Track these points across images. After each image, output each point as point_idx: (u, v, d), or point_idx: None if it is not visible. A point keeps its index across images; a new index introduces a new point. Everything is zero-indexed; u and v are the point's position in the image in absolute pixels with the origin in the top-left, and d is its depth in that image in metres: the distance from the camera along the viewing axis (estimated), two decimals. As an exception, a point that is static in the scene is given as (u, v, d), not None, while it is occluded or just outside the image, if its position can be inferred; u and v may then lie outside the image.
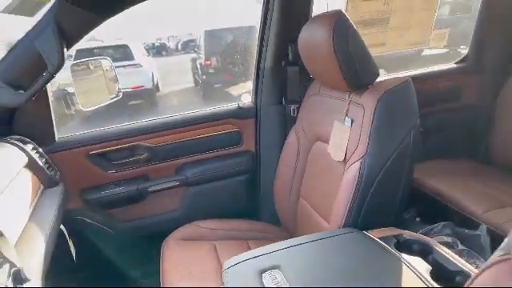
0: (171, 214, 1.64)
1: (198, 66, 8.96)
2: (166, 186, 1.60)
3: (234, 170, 1.67)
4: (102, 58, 1.67)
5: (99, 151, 1.49)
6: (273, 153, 1.61)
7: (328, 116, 1.28)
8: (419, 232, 1.37)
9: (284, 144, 1.53)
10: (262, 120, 1.64)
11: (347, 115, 1.18)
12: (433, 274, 0.83)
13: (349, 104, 1.18)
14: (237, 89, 7.66)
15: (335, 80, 1.16)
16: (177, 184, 1.61)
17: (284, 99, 1.61)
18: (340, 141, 1.19)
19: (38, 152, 1.29)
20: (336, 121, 1.23)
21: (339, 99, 1.24)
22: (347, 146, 1.15)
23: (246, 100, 1.73)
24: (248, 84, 1.76)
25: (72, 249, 1.36)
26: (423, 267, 0.85)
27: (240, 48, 7.63)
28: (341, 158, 1.17)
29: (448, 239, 1.36)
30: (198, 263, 1.32)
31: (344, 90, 1.20)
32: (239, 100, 1.74)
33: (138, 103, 7.67)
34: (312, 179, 1.40)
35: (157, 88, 8.76)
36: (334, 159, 1.21)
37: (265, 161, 1.66)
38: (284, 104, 1.61)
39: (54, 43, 1.15)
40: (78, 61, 1.55)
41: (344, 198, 1.08)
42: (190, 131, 1.59)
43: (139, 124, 1.57)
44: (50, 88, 1.38)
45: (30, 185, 1.19)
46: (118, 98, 1.60)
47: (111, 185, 1.53)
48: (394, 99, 1.07)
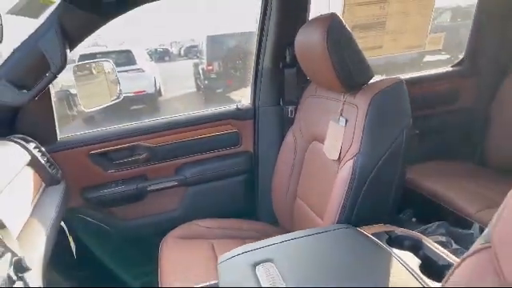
0: (170, 214, 1.66)
1: (200, 71, 9.03)
2: (166, 186, 1.62)
3: (233, 170, 1.69)
4: (104, 61, 1.71)
5: (100, 151, 1.52)
6: (271, 153, 1.63)
7: (324, 116, 1.30)
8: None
9: (282, 144, 1.56)
10: (261, 121, 1.67)
11: (342, 115, 1.20)
12: (422, 268, 0.85)
13: (343, 104, 1.20)
14: (238, 94, 7.72)
15: (330, 81, 1.18)
16: (176, 184, 1.63)
17: (282, 100, 1.64)
18: (335, 140, 1.21)
19: (41, 151, 1.31)
20: (331, 121, 1.25)
21: (334, 100, 1.27)
22: (341, 145, 1.17)
23: (245, 101, 1.76)
24: (249, 89, 1.78)
25: (72, 245, 1.39)
26: (413, 261, 0.87)
27: (241, 53, 7.70)
28: (335, 157, 1.20)
29: (442, 238, 1.38)
30: (196, 261, 1.34)
31: (339, 91, 1.23)
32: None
33: (140, 108, 7.71)
34: (308, 179, 1.42)
35: (159, 93, 8.81)
36: (329, 158, 1.23)
37: (263, 161, 1.69)
38: (282, 105, 1.64)
39: (57, 44, 1.19)
40: (81, 62, 1.59)
41: (337, 196, 1.10)
42: (190, 131, 1.61)
43: (139, 124, 1.60)
44: (53, 88, 1.41)
45: (32, 182, 1.22)
46: (119, 100, 1.64)
47: (111, 184, 1.56)
48: (387, 99, 1.10)
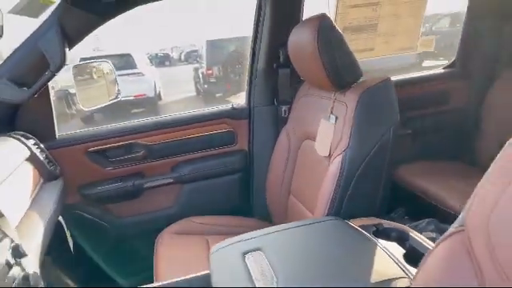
0: (166, 211, 1.68)
1: (200, 76, 9.10)
2: (162, 183, 1.65)
3: (228, 169, 1.72)
4: (103, 61, 1.75)
5: (97, 148, 1.55)
6: (265, 152, 1.66)
7: (316, 115, 1.34)
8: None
9: (276, 143, 1.59)
10: (255, 120, 1.70)
11: (332, 113, 1.24)
12: (408, 258, 0.88)
13: (333, 102, 1.24)
14: (238, 97, 7.77)
15: (320, 79, 1.22)
16: (172, 181, 1.66)
17: (276, 100, 1.67)
18: (325, 137, 1.25)
19: (39, 147, 1.35)
20: (322, 119, 1.29)
21: (326, 98, 1.30)
22: (331, 142, 1.21)
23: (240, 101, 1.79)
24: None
25: (70, 240, 1.42)
26: (398, 251, 0.91)
27: (241, 58, 7.77)
28: (326, 154, 1.23)
29: (433, 235, 1.41)
30: (191, 257, 1.37)
31: (329, 90, 1.26)
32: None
33: (140, 111, 7.76)
34: (301, 176, 1.45)
35: (159, 97, 8.87)
36: (320, 154, 1.27)
37: (258, 159, 1.72)
38: (276, 105, 1.67)
39: (57, 43, 1.23)
40: (81, 62, 1.63)
41: (327, 190, 1.13)
42: (186, 130, 1.64)
43: (136, 123, 1.63)
44: (52, 87, 1.45)
45: (31, 177, 1.25)
46: (117, 100, 1.68)
47: (108, 181, 1.58)
48: (374, 96, 1.14)
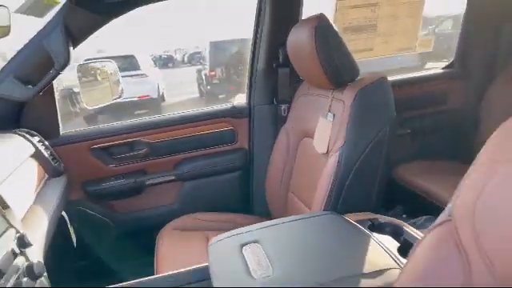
0: (168, 207, 1.71)
1: (203, 77, 9.13)
2: (164, 180, 1.68)
3: (229, 166, 1.75)
4: (108, 61, 1.79)
5: (101, 146, 1.58)
6: (265, 150, 1.68)
7: (314, 113, 1.36)
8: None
9: (275, 142, 1.61)
10: (256, 119, 1.73)
11: (330, 110, 1.26)
12: (401, 250, 0.91)
13: (331, 100, 1.27)
14: (240, 98, 7.79)
15: (319, 78, 1.25)
16: (173, 178, 1.69)
17: (275, 99, 1.70)
18: (323, 134, 1.27)
19: (44, 144, 1.38)
20: (321, 117, 1.31)
21: (324, 97, 1.33)
22: (329, 139, 1.23)
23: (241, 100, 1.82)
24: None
25: (73, 235, 1.45)
26: (392, 244, 0.93)
27: (243, 59, 7.79)
28: (324, 151, 1.26)
29: (430, 231, 1.43)
30: (191, 252, 1.39)
31: (327, 88, 1.29)
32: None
33: (144, 113, 7.80)
34: (300, 173, 1.48)
35: (162, 98, 8.91)
36: (318, 152, 1.29)
37: (257, 157, 1.74)
38: (275, 104, 1.70)
39: (62, 43, 1.26)
40: (85, 62, 1.67)
41: (324, 186, 1.16)
42: (188, 129, 1.67)
43: (139, 121, 1.67)
44: (56, 86, 1.48)
45: (36, 173, 1.28)
46: (120, 99, 1.71)
47: (111, 178, 1.62)
48: (370, 94, 1.16)
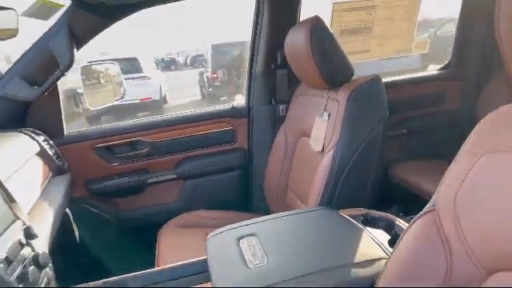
0: (169, 205, 1.75)
1: (205, 80, 9.18)
2: (165, 179, 1.72)
3: (228, 166, 1.78)
4: (110, 63, 1.84)
5: (104, 145, 1.62)
6: (264, 149, 1.72)
7: (311, 113, 1.40)
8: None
9: (274, 141, 1.65)
10: (254, 119, 1.76)
11: (325, 110, 1.30)
12: (392, 243, 0.94)
13: (327, 100, 1.31)
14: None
15: (314, 79, 1.29)
16: (174, 177, 1.73)
17: (274, 100, 1.74)
18: (319, 133, 1.31)
19: (49, 143, 1.42)
20: (317, 116, 1.35)
21: (320, 97, 1.37)
22: (325, 137, 1.27)
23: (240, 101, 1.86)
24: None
25: (76, 231, 1.48)
26: (383, 237, 0.96)
27: (245, 61, 7.84)
28: (319, 149, 1.29)
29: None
30: (191, 248, 1.43)
31: (323, 88, 1.33)
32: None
33: (146, 115, 7.85)
34: (298, 171, 1.51)
35: (164, 100, 8.97)
36: (314, 150, 1.33)
37: (256, 157, 1.78)
38: (274, 104, 1.73)
39: (66, 44, 1.31)
40: (89, 64, 1.72)
41: (319, 182, 1.20)
42: (188, 128, 1.71)
43: (141, 121, 1.71)
44: (61, 86, 1.53)
45: (41, 170, 1.32)
46: (122, 100, 1.76)
47: (114, 176, 1.66)
48: (364, 93, 1.20)
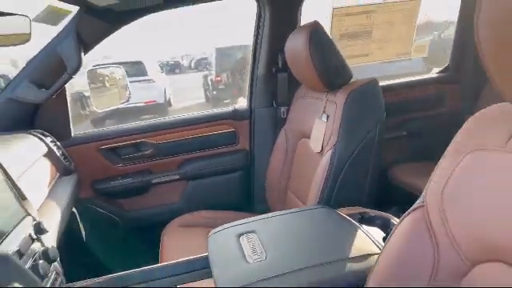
0: (172, 205, 1.79)
1: (209, 83, 9.25)
2: (168, 179, 1.77)
3: (230, 166, 1.83)
4: (116, 67, 1.89)
5: (109, 146, 1.67)
6: (265, 151, 1.76)
7: (311, 115, 1.44)
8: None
9: (275, 143, 1.69)
10: (256, 121, 1.80)
11: (324, 112, 1.34)
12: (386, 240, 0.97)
13: (326, 102, 1.34)
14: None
15: (314, 81, 1.32)
16: (178, 178, 1.78)
17: (275, 102, 1.77)
18: (318, 134, 1.35)
19: (56, 145, 1.47)
20: (316, 118, 1.39)
21: (319, 99, 1.40)
22: (323, 138, 1.30)
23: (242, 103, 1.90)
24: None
25: (82, 230, 1.53)
26: (378, 234, 1.00)
27: (249, 64, 7.88)
28: (319, 150, 1.33)
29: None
30: (193, 247, 1.46)
31: (322, 91, 1.37)
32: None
33: (150, 118, 7.90)
34: (298, 173, 1.55)
35: (169, 103, 9.02)
36: (314, 151, 1.37)
37: (258, 158, 1.82)
38: (275, 107, 1.77)
39: (74, 49, 1.36)
40: (95, 67, 1.77)
41: (318, 182, 1.23)
42: (191, 130, 1.76)
43: (145, 123, 1.76)
44: (69, 89, 1.57)
45: (49, 171, 1.37)
46: (128, 102, 1.81)
47: (119, 177, 1.70)
48: (361, 96, 1.23)
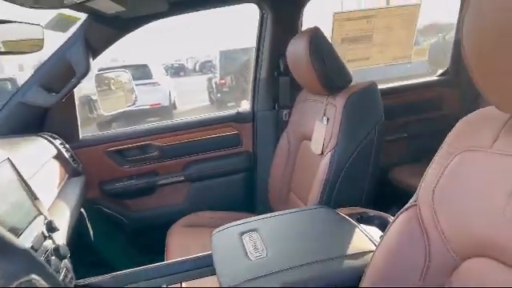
0: (177, 206, 1.83)
1: (214, 85, 9.31)
2: (173, 181, 1.81)
3: (234, 168, 1.87)
4: (122, 71, 1.94)
5: (116, 149, 1.72)
6: (268, 153, 1.79)
7: (312, 118, 1.48)
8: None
9: (277, 145, 1.73)
10: (259, 124, 1.84)
11: (325, 115, 1.38)
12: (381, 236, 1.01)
13: (326, 105, 1.38)
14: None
15: (314, 85, 1.36)
16: (182, 179, 1.82)
17: (277, 105, 1.81)
18: (319, 137, 1.38)
19: (65, 147, 1.52)
20: (317, 121, 1.43)
21: (320, 102, 1.44)
22: (324, 141, 1.34)
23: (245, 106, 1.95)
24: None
25: (90, 229, 1.57)
26: (376, 233, 1.03)
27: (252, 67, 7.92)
28: (319, 152, 1.37)
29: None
30: (198, 246, 1.51)
31: (322, 94, 1.40)
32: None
33: (155, 120, 7.97)
34: (299, 174, 1.59)
35: (174, 106, 9.10)
36: (315, 153, 1.40)
37: (261, 160, 1.86)
38: (277, 109, 1.81)
39: (82, 54, 1.41)
40: (102, 72, 1.82)
41: (318, 183, 1.27)
42: (196, 133, 1.80)
43: (151, 126, 1.81)
44: (77, 93, 1.63)
45: (58, 172, 1.42)
46: (134, 106, 1.86)
47: (125, 178, 1.75)
48: (360, 99, 1.27)
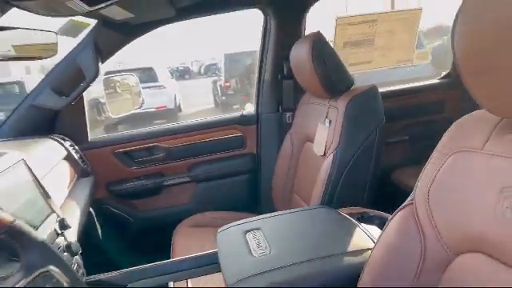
0: (182, 206, 1.88)
1: (219, 88, 9.39)
2: (179, 182, 1.86)
3: (238, 170, 1.91)
4: (129, 74, 1.99)
5: (123, 150, 1.77)
6: (271, 154, 1.83)
7: (315, 120, 1.51)
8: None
9: (281, 147, 1.76)
10: (263, 126, 1.88)
11: (327, 117, 1.41)
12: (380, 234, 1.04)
13: (328, 108, 1.42)
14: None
15: (316, 88, 1.40)
16: (188, 180, 1.86)
17: (281, 108, 1.85)
18: (321, 138, 1.42)
19: (74, 148, 1.57)
20: (319, 123, 1.46)
21: (322, 105, 1.48)
22: (326, 142, 1.37)
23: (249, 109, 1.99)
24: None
25: (99, 229, 1.62)
26: (376, 232, 1.06)
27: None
28: (322, 153, 1.40)
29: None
30: (203, 246, 1.54)
31: (324, 97, 1.44)
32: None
33: (161, 123, 8.04)
34: (302, 175, 1.62)
35: (179, 109, 9.18)
36: (317, 154, 1.44)
37: (264, 161, 1.89)
38: (281, 112, 1.85)
39: (92, 59, 1.46)
40: (110, 75, 1.87)
41: (320, 184, 1.30)
42: (201, 135, 1.85)
43: (157, 128, 1.85)
44: (86, 97, 1.67)
45: (68, 173, 1.46)
46: (141, 108, 1.91)
47: (132, 179, 1.80)
48: (361, 102, 1.30)
